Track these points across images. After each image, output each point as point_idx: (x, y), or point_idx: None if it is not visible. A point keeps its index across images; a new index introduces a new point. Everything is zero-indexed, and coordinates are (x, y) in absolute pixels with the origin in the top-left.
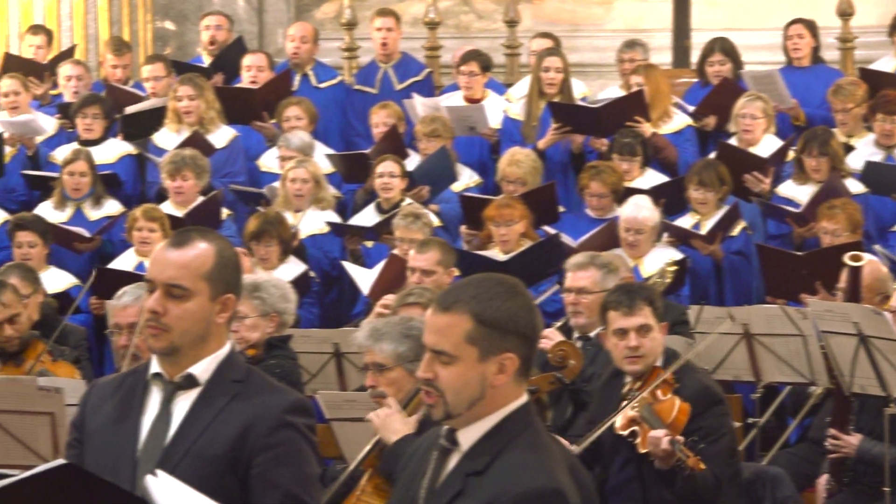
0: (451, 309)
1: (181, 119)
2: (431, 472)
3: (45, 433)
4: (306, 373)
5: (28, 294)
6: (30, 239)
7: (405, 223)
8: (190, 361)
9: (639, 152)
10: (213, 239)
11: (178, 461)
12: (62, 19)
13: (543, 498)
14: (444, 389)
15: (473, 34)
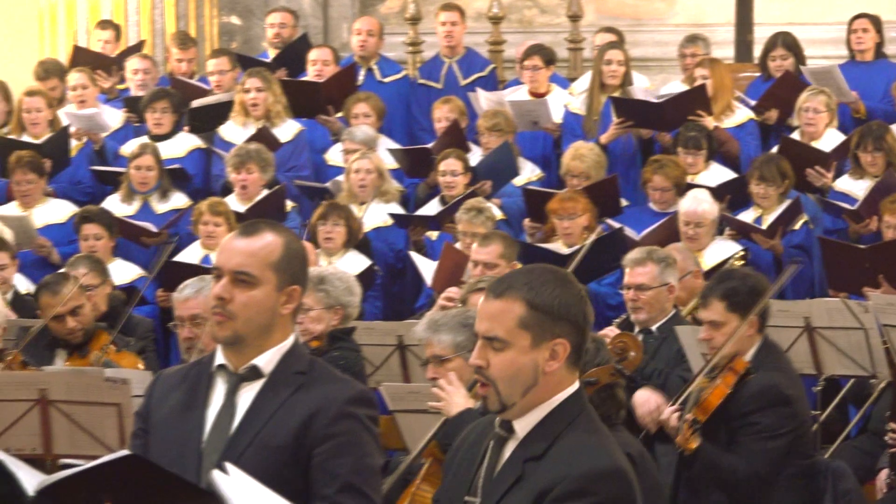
0: (503, 295)
1: (248, 112)
2: (489, 460)
3: (112, 424)
4: (370, 365)
5: (96, 285)
6: (96, 231)
7: (468, 217)
8: (254, 352)
9: (704, 146)
10: (282, 231)
11: (241, 452)
12: (130, 14)
13: (606, 477)
14: (497, 378)
15: (537, 29)
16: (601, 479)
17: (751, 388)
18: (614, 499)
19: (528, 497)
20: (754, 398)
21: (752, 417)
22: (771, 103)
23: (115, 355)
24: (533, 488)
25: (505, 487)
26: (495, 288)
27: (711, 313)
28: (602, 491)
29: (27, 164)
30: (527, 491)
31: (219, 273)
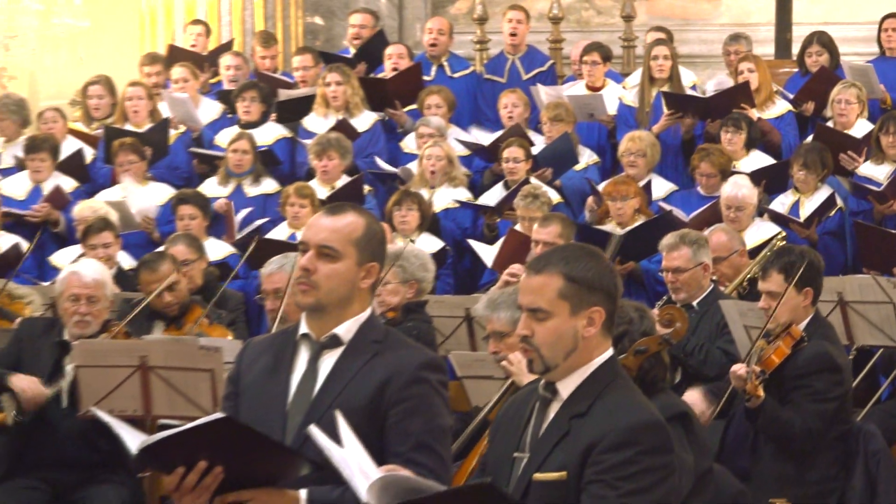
0: (543, 271)
1: (328, 104)
2: (535, 421)
3: (206, 388)
4: (440, 335)
5: (192, 260)
6: (191, 212)
7: (525, 203)
8: (335, 322)
9: (743, 127)
10: (364, 213)
11: (322, 414)
12: (222, 14)
13: (648, 428)
14: (540, 344)
15: (593, 28)
16: (643, 431)
17: (806, 353)
18: (655, 447)
19: (576, 449)
20: (809, 363)
21: (806, 380)
22: (808, 97)
23: (208, 328)
24: (581, 441)
25: (553, 442)
26: (535, 265)
27: (771, 284)
28: (645, 441)
29: (129, 147)
30: (574, 444)
31: (305, 247)
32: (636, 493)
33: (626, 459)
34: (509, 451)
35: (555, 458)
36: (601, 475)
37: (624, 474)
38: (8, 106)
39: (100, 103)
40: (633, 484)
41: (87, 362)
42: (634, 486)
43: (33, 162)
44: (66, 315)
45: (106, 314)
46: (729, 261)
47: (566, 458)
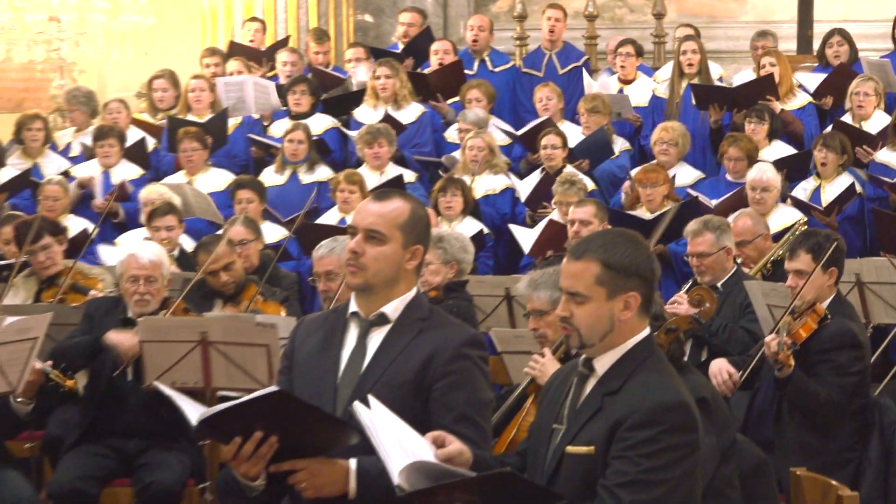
0: (582, 257)
1: (378, 96)
2: (573, 394)
3: (262, 362)
4: (482, 312)
5: (249, 240)
6: (248, 196)
7: (563, 189)
8: (382, 302)
9: (766, 118)
10: (410, 199)
11: (371, 387)
12: (278, 12)
13: (671, 409)
14: (579, 325)
15: (626, 25)
16: (667, 411)
17: (830, 329)
18: (678, 427)
19: (605, 425)
20: (833, 338)
21: (830, 355)
22: (827, 90)
23: (262, 305)
24: (609, 418)
25: (586, 417)
26: (575, 250)
27: (798, 264)
28: (667, 421)
29: (193, 135)
30: (604, 421)
31: (354, 231)
32: (656, 470)
33: (649, 438)
34: (550, 421)
35: (586, 433)
36: (624, 452)
37: (645, 452)
38: (78, 98)
39: (164, 95)
40: (653, 461)
41: (150, 338)
42: (655, 464)
43: (102, 149)
44: (127, 294)
45: (164, 293)
46: (754, 244)
47: (595, 433)
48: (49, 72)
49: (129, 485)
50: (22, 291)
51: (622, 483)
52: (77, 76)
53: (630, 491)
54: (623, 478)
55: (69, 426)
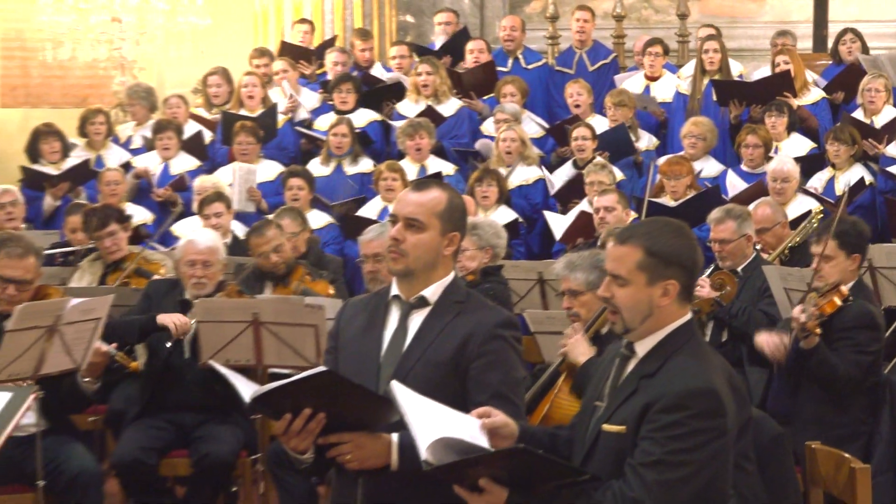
0: (626, 242)
1: (419, 91)
2: (614, 374)
3: (310, 341)
4: (516, 295)
5: (298, 230)
6: (298, 184)
7: (595, 169)
8: (422, 285)
9: (785, 112)
10: (447, 188)
11: (411, 366)
12: (325, 13)
13: (700, 395)
14: (620, 306)
15: (652, 25)
16: (695, 397)
17: (852, 310)
18: (705, 413)
19: (638, 407)
20: (854, 318)
21: (850, 333)
22: (838, 87)
23: (311, 283)
24: (642, 400)
25: (623, 397)
26: (621, 235)
27: (827, 249)
28: (695, 406)
29: (248, 129)
30: (638, 402)
31: (395, 219)
32: (681, 452)
33: (676, 421)
34: (594, 397)
35: (621, 412)
36: (652, 433)
37: (672, 434)
38: (138, 93)
39: (219, 91)
40: (679, 444)
41: (206, 318)
42: (680, 446)
43: (161, 141)
44: (185, 278)
45: (219, 276)
46: (772, 231)
47: (629, 413)
48: (111, 69)
49: (185, 456)
50: (88, 275)
51: (647, 463)
52: (137, 73)
53: (654, 471)
54: (648, 458)
55: (130, 401)
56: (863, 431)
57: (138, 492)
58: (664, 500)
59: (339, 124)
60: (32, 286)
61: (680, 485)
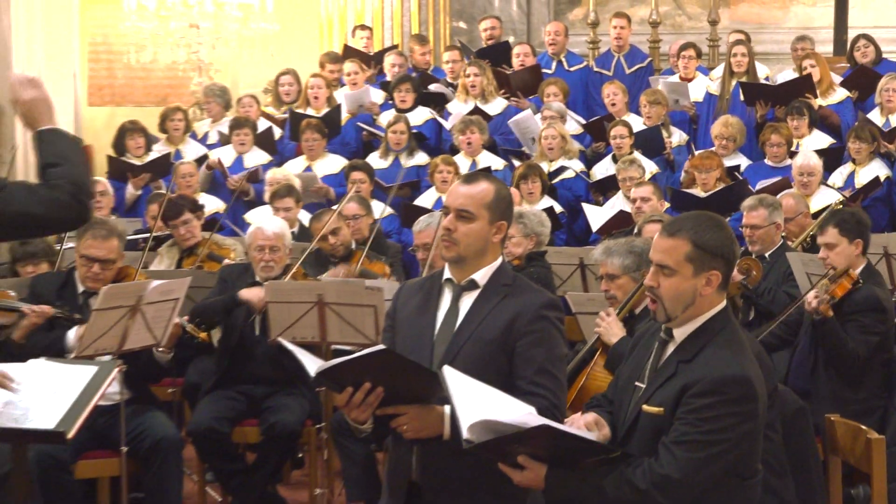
0: (675, 235)
1: (468, 91)
2: (654, 357)
3: (370, 320)
4: (558, 279)
5: (362, 216)
6: (360, 177)
7: (624, 166)
8: (472, 270)
9: (805, 113)
10: (494, 181)
11: (462, 344)
12: (385, 20)
13: (733, 382)
14: (664, 296)
15: (685, 31)
16: (728, 383)
17: (860, 294)
18: (737, 398)
19: (675, 389)
20: (861, 302)
21: (857, 316)
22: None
23: (369, 264)
24: (679, 384)
25: (662, 380)
26: (669, 228)
27: (827, 237)
28: (728, 392)
29: (314, 127)
30: (675, 385)
31: (447, 211)
32: (712, 433)
33: (710, 405)
34: (634, 378)
35: (660, 394)
36: (687, 415)
37: (706, 416)
38: (214, 92)
39: (289, 90)
40: (710, 425)
41: (274, 299)
42: (711, 427)
43: (237, 137)
44: (255, 262)
45: (286, 260)
46: (795, 220)
47: (667, 396)
48: (189, 71)
49: (256, 424)
50: (166, 259)
51: (680, 441)
52: (213, 74)
53: (686, 449)
54: (682, 437)
55: (205, 374)
56: (877, 406)
57: (212, 457)
58: (692, 476)
59: (397, 122)
60: (115, 266)
61: (708, 462)
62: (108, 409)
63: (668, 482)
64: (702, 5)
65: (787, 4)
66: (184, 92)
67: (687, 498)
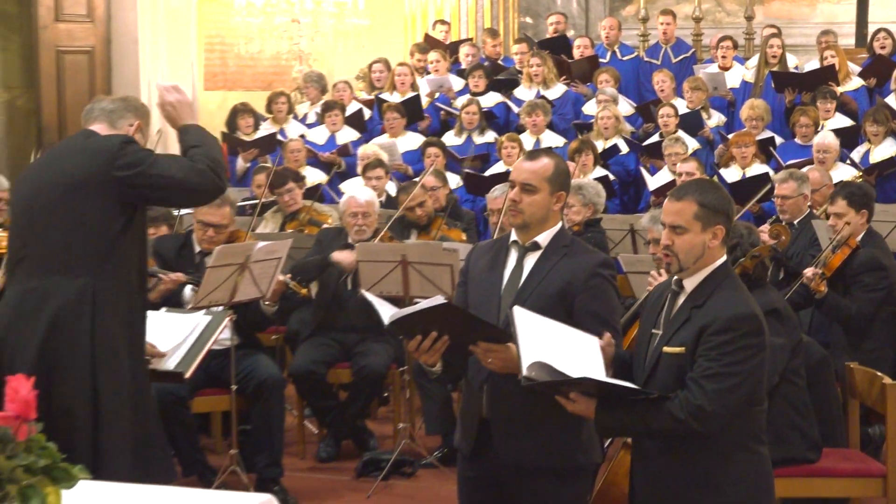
0: (683, 198)
1: (532, 79)
2: (667, 307)
3: (447, 277)
4: (611, 242)
5: (439, 187)
6: (435, 151)
7: (670, 143)
8: (535, 233)
9: (832, 97)
10: (554, 156)
11: (526, 298)
12: (461, 16)
13: (744, 319)
14: (678, 251)
15: (724, 26)
16: (741, 320)
17: (860, 257)
18: (749, 333)
19: (693, 330)
20: (861, 264)
21: (860, 277)
22: (870, 74)
23: (447, 231)
24: (696, 325)
25: (678, 324)
26: (676, 193)
27: (837, 208)
28: (741, 328)
29: (394, 108)
30: (692, 327)
31: (513, 184)
32: (732, 365)
33: (727, 340)
34: (650, 327)
35: (678, 337)
36: (709, 352)
37: (724, 351)
38: (312, 78)
39: (381, 76)
40: (730, 358)
41: (365, 258)
42: (731, 360)
43: (329, 118)
44: (349, 226)
45: (375, 225)
46: (820, 192)
47: (685, 337)
48: (291, 60)
49: (347, 367)
50: (271, 224)
51: (706, 375)
52: (312, 63)
53: (712, 381)
54: (706, 371)
55: (304, 323)
56: (888, 354)
57: (310, 395)
58: (721, 404)
59: (470, 104)
60: (227, 230)
61: (732, 391)
62: (220, 352)
63: (702, 412)
64: (739, 3)
65: (815, 2)
66: (286, 78)
67: (718, 425)
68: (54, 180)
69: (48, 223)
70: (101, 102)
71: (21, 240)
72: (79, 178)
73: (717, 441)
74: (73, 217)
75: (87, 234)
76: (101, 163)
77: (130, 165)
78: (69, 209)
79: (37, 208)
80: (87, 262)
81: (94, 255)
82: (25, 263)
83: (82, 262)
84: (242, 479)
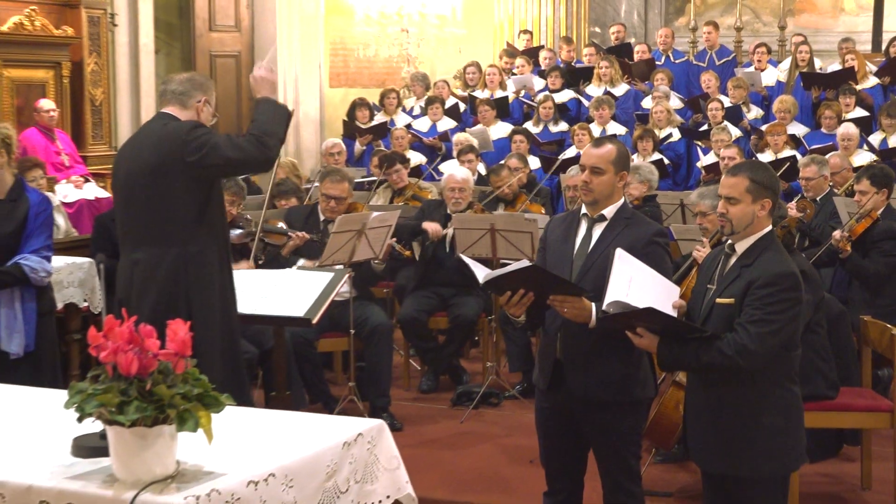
0: (737, 174)
1: (601, 78)
2: (721, 266)
3: (529, 242)
4: (665, 215)
5: (521, 168)
6: (520, 138)
7: (717, 131)
8: (602, 207)
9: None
10: (616, 142)
11: (594, 261)
12: (541, 26)
13: (785, 276)
14: (731, 218)
15: (760, 35)
16: (783, 277)
17: (879, 227)
18: (790, 287)
19: (741, 285)
20: (880, 233)
21: (878, 244)
22: (885, 74)
23: (530, 206)
24: (745, 280)
25: (729, 280)
26: (732, 170)
27: (861, 186)
28: (783, 283)
29: (486, 102)
30: (741, 282)
31: (583, 167)
32: (774, 313)
33: (770, 293)
34: (705, 283)
35: (729, 290)
36: (755, 302)
37: (768, 302)
38: (418, 78)
39: (473, 77)
40: (772, 308)
41: (460, 226)
42: (773, 309)
43: (431, 110)
44: (448, 199)
45: (470, 198)
46: (841, 174)
47: (735, 290)
48: (401, 62)
49: (445, 316)
50: (381, 198)
51: (751, 321)
52: (417, 65)
53: (756, 325)
54: (752, 318)
55: (409, 279)
56: None
57: (414, 338)
58: (762, 345)
59: (546, 100)
60: (346, 202)
61: (773, 335)
62: (340, 302)
63: (746, 350)
64: (773, 15)
65: (838, 15)
66: (396, 77)
67: (759, 363)
68: (141, 165)
69: (141, 203)
70: (171, 84)
71: (123, 217)
72: (161, 162)
73: (757, 379)
74: (161, 196)
75: (175, 209)
76: (175, 149)
77: (197, 150)
78: (157, 190)
79: (131, 190)
80: (179, 233)
81: (183, 226)
82: (130, 237)
83: (174, 233)
84: (358, 406)
